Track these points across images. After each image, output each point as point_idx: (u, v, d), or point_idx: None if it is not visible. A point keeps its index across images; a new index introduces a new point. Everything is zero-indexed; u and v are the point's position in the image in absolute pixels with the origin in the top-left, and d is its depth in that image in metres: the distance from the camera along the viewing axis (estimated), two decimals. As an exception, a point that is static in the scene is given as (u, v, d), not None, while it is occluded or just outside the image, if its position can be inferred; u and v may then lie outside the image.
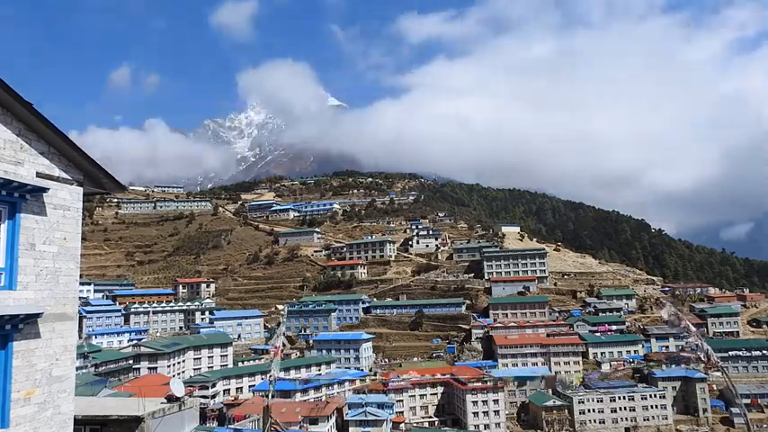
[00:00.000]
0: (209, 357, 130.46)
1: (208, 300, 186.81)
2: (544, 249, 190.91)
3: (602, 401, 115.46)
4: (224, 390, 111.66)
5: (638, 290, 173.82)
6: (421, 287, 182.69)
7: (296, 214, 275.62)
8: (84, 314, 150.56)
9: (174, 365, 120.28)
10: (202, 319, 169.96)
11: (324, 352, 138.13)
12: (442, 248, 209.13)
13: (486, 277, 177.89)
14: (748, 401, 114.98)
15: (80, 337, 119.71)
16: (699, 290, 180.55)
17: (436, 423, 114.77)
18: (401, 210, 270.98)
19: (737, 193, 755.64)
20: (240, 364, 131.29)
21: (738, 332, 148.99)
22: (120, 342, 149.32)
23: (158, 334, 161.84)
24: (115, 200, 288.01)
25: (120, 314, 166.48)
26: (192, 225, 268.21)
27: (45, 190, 11.28)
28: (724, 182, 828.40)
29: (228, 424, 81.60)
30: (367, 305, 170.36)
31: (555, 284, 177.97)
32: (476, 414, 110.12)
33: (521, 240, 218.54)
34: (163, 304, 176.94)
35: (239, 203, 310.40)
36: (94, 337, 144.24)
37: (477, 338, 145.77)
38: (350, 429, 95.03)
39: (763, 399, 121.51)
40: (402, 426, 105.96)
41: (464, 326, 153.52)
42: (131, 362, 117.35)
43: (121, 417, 18.14)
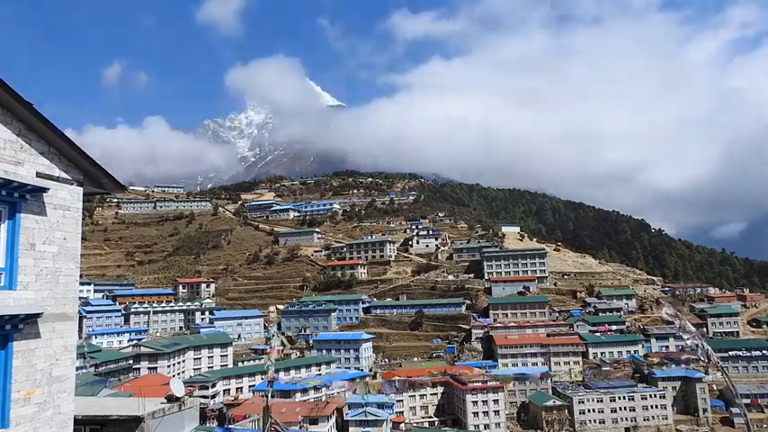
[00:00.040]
0: (209, 357, 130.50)
1: (208, 300, 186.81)
2: (544, 249, 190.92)
3: (602, 401, 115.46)
4: (224, 390, 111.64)
5: (638, 290, 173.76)
6: (421, 287, 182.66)
7: (296, 214, 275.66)
8: (84, 314, 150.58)
9: (174, 365, 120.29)
10: (202, 319, 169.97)
11: (324, 352, 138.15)
12: (442, 248, 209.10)
13: (486, 277, 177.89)
14: (748, 401, 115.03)
15: (80, 337, 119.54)
16: (699, 290, 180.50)
17: (436, 423, 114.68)
18: (401, 210, 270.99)
19: (733, 193, 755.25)
20: (240, 364, 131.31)
21: (738, 332, 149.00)
22: (120, 342, 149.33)
23: (158, 334, 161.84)
24: (115, 200, 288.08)
25: (120, 314, 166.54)
26: (192, 225, 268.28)
27: (45, 190, 11.29)
28: (721, 181, 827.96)
29: (228, 424, 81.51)
30: (367, 305, 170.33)
31: (555, 284, 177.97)
32: (476, 414, 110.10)
33: (521, 240, 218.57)
34: (163, 304, 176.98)
35: (239, 203, 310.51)
36: (94, 337, 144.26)
37: (477, 338, 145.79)
38: (350, 429, 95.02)
39: (763, 399, 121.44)
40: (402, 426, 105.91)
41: (464, 326, 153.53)
42: (131, 362, 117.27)
43: (121, 417, 18.14)
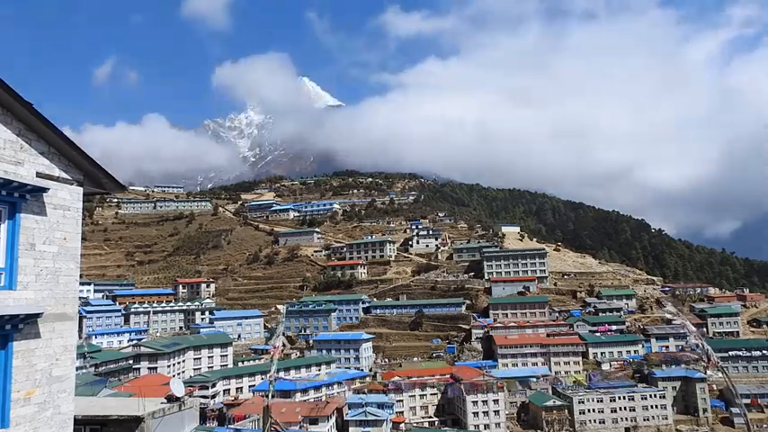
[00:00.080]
0: (209, 357, 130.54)
1: (208, 300, 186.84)
2: (544, 249, 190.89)
3: (602, 401, 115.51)
4: (224, 390, 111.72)
5: (638, 290, 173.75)
6: (421, 287, 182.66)
7: (296, 214, 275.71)
8: (84, 314, 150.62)
9: (174, 365, 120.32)
10: (202, 319, 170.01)
11: (324, 352, 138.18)
12: (442, 248, 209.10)
13: (486, 277, 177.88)
14: (748, 401, 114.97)
15: (80, 337, 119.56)
16: (699, 290, 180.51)
17: (436, 423, 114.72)
18: (401, 210, 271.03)
19: (733, 193, 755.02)
20: (240, 364, 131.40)
21: (738, 332, 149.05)
22: (120, 342, 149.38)
23: (158, 334, 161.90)
24: (115, 200, 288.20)
25: (120, 314, 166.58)
26: (192, 225, 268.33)
27: (45, 190, 11.28)
28: (721, 181, 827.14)
29: (228, 424, 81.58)
30: (367, 305, 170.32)
31: (555, 284, 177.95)
32: (476, 414, 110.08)
33: (521, 240, 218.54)
34: (163, 304, 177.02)
35: (239, 203, 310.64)
36: (94, 337, 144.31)
37: (477, 338, 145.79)
38: (350, 429, 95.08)
39: (763, 399, 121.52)
40: (402, 426, 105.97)
41: (464, 326, 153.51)
42: (131, 362, 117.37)
43: (121, 417, 18.14)
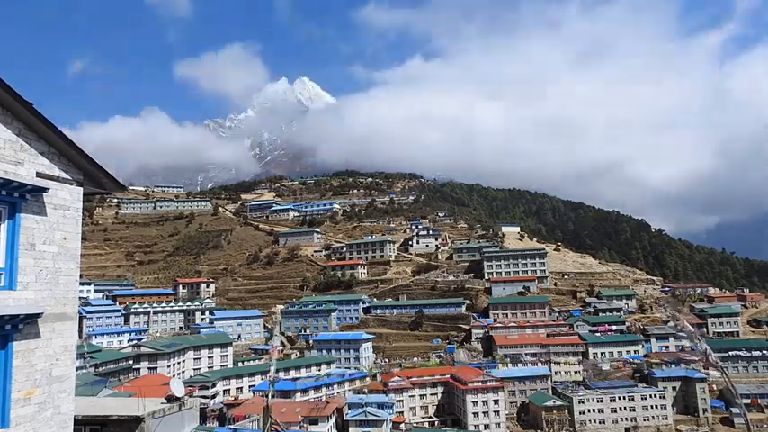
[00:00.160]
0: (209, 357, 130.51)
1: (208, 300, 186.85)
2: (544, 249, 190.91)
3: (602, 401, 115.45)
4: (224, 390, 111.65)
5: (638, 290, 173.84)
6: (421, 287, 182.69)
7: (296, 214, 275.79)
8: (84, 314, 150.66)
9: (174, 365, 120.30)
10: (202, 319, 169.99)
11: (324, 352, 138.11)
12: (442, 248, 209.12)
13: (486, 277, 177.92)
14: (748, 401, 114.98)
15: (80, 337, 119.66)
16: (699, 290, 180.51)
17: (436, 423, 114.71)
18: (401, 210, 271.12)
19: (733, 193, 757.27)
20: (240, 364, 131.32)
21: (738, 332, 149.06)
22: (120, 342, 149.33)
23: (158, 334, 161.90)
24: (115, 200, 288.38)
25: (120, 314, 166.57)
26: (192, 225, 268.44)
27: (45, 190, 11.28)
28: (721, 181, 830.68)
29: (228, 424, 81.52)
30: (367, 305, 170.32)
31: (555, 284, 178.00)
32: (476, 414, 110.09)
33: (521, 240, 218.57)
34: (163, 304, 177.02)
35: (239, 203, 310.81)
36: (94, 337, 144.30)
37: (477, 338, 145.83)
38: (350, 429, 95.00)
39: (763, 399, 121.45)
40: (402, 426, 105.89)
41: (464, 326, 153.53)
42: (131, 362, 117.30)
43: (121, 417, 18.14)
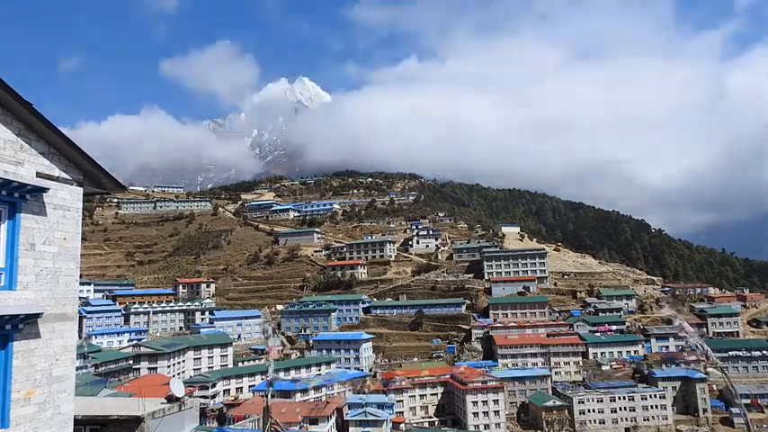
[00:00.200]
0: (209, 357, 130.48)
1: (208, 300, 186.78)
2: (544, 249, 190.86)
3: (602, 401, 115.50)
4: (224, 390, 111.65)
5: (638, 290, 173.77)
6: (421, 287, 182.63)
7: (296, 214, 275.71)
8: (84, 314, 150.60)
9: (174, 365, 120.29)
10: (202, 319, 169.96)
11: (324, 352, 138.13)
12: (442, 248, 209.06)
13: (486, 277, 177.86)
14: (748, 401, 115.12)
15: (80, 337, 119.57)
16: (699, 290, 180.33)
17: (436, 423, 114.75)
18: (401, 210, 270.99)
19: (733, 193, 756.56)
20: (240, 364, 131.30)
21: (738, 332, 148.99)
22: (120, 342, 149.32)
23: (158, 334, 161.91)
24: (115, 200, 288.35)
25: (120, 314, 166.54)
26: (192, 225, 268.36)
27: (45, 190, 11.28)
28: (721, 181, 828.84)
29: (228, 424, 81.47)
30: (367, 305, 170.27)
31: (555, 284, 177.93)
32: (476, 414, 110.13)
33: (521, 240, 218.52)
34: (163, 304, 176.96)
35: (239, 203, 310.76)
36: (94, 337, 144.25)
37: (477, 338, 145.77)
38: (350, 429, 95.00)
39: (763, 399, 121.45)
40: (402, 426, 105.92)
41: (464, 326, 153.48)
42: (131, 362, 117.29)
43: (121, 417, 18.14)
